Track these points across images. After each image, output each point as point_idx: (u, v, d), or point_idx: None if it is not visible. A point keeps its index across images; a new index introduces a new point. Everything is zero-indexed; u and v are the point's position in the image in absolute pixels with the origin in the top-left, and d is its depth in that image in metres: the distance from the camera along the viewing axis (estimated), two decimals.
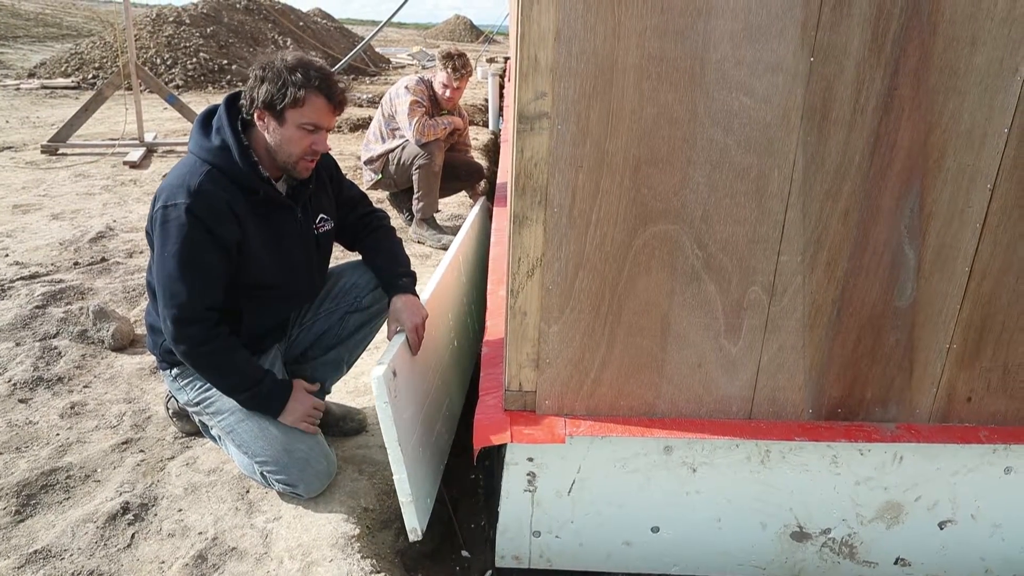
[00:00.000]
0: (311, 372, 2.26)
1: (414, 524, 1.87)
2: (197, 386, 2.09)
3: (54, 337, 2.88)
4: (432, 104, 4.25)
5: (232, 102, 1.98)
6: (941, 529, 1.96)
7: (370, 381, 1.85)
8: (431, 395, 2.17)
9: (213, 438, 2.25)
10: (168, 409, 2.35)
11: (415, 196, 4.32)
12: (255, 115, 1.92)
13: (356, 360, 2.41)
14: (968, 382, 1.80)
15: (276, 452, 1.99)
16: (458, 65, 4.14)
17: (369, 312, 2.29)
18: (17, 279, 3.38)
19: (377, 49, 13.88)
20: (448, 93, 4.22)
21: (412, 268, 2.26)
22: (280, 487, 2.03)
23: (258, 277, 2.01)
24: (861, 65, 1.50)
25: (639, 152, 1.56)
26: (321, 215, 2.17)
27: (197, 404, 2.11)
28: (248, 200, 1.94)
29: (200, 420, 2.23)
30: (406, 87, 4.17)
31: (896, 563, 2.01)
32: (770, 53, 1.49)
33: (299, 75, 1.87)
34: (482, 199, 4.33)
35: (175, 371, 2.12)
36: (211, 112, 2.01)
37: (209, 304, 1.91)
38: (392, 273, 2.19)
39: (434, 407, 2.19)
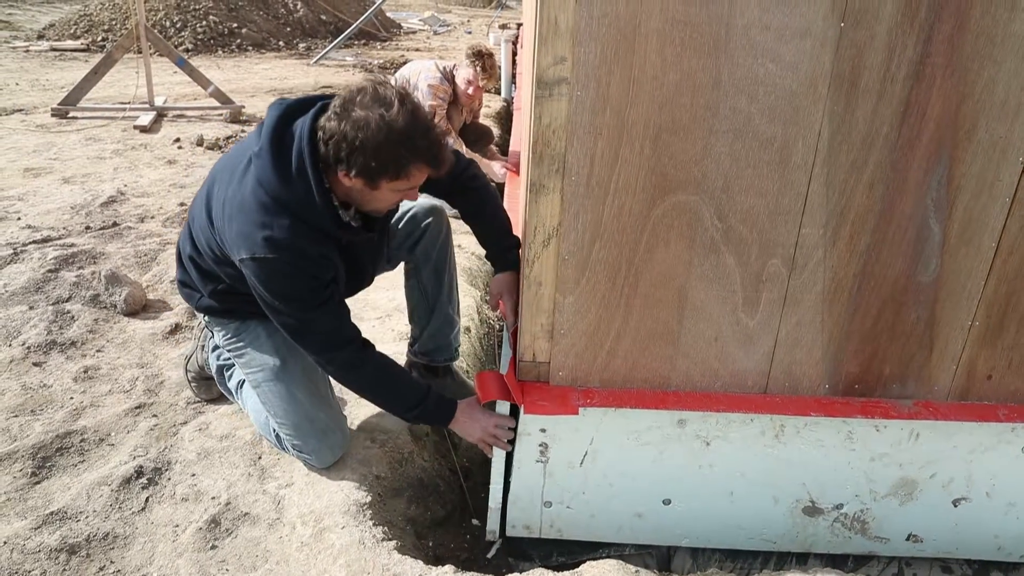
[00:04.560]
0: None
1: (494, 527, 2.03)
2: (230, 333, 2.07)
3: (67, 301, 2.88)
4: (451, 102, 4.19)
5: (312, 134, 1.70)
6: (955, 506, 1.95)
7: None
8: None
9: (229, 390, 2.25)
10: (188, 372, 2.35)
11: None
12: (340, 172, 1.69)
13: None
14: (989, 360, 1.77)
15: (298, 418, 1.99)
16: (487, 65, 4.15)
17: None
18: (29, 243, 3.38)
19: (388, 13, 13.65)
20: (471, 90, 4.20)
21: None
22: (295, 452, 2.04)
23: None
24: (894, 31, 1.45)
25: (660, 120, 1.52)
26: (394, 217, 2.12)
27: (229, 349, 2.09)
28: (334, 243, 1.82)
29: (219, 366, 2.22)
30: (430, 85, 4.05)
31: (908, 539, 2.00)
32: (799, 18, 1.44)
33: (403, 150, 1.63)
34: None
35: (206, 318, 2.11)
36: (283, 123, 1.74)
37: (342, 331, 1.83)
38: (502, 246, 2.08)
39: None
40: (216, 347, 2.22)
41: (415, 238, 2.20)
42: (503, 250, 2.08)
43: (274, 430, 2.06)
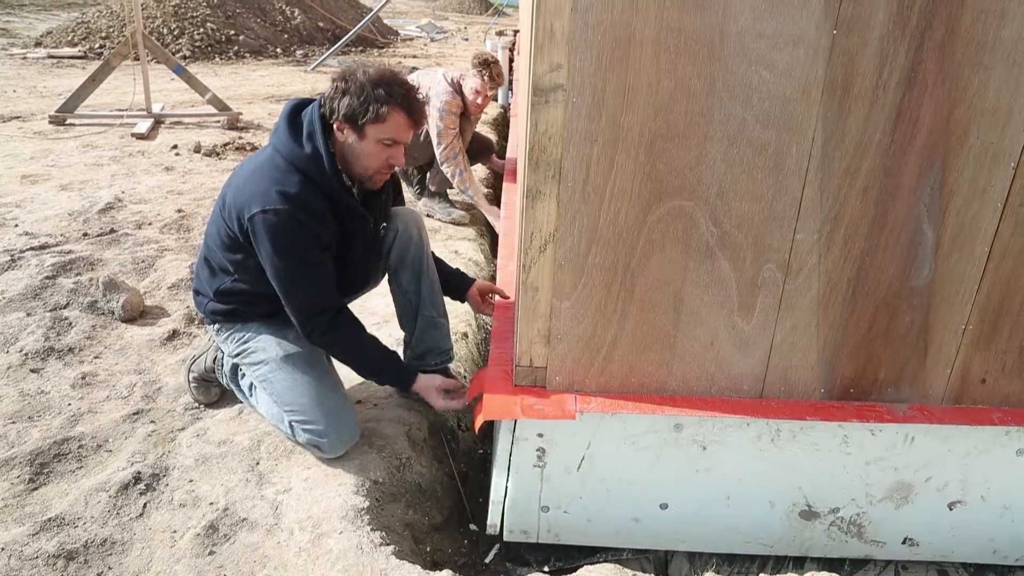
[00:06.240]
0: None
1: (495, 521, 2.01)
2: (236, 338, 2.18)
3: (64, 308, 2.88)
4: (460, 115, 4.17)
5: (320, 110, 1.99)
6: (950, 510, 1.95)
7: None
8: None
9: (241, 390, 2.28)
10: (190, 372, 2.36)
11: (431, 170, 4.30)
12: (335, 126, 1.96)
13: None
14: (983, 363, 1.78)
15: (307, 402, 2.05)
16: (494, 74, 4.14)
17: None
18: (27, 249, 3.38)
19: (385, 21, 13.70)
20: (479, 100, 4.18)
21: None
22: (307, 437, 2.05)
23: None
24: (885, 38, 1.47)
25: (655, 126, 1.54)
26: (383, 224, 2.24)
27: (237, 355, 2.20)
28: (333, 208, 2.00)
29: (234, 364, 2.27)
30: (445, 103, 4.01)
31: (904, 543, 2.01)
32: (792, 25, 1.46)
33: (382, 91, 1.89)
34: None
35: (217, 327, 2.22)
36: (297, 108, 2.02)
37: (328, 296, 2.02)
38: (458, 272, 2.53)
39: None
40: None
41: (388, 243, 2.28)
42: (461, 273, 2.51)
43: (288, 422, 2.09)
